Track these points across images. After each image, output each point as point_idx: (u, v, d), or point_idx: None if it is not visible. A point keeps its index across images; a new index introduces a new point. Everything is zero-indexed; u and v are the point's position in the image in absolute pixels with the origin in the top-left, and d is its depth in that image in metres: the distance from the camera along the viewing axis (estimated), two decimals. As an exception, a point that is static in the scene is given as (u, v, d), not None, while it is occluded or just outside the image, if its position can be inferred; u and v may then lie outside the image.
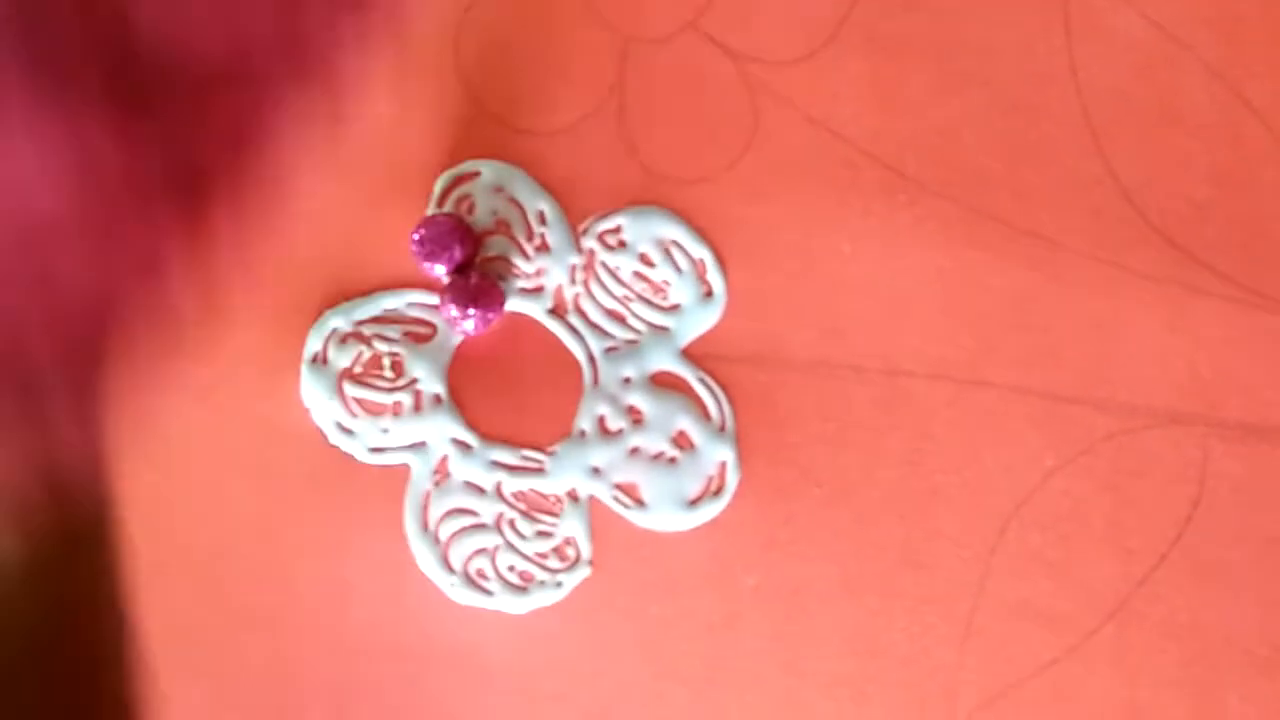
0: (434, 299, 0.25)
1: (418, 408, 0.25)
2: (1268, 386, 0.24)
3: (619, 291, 0.25)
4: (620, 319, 0.25)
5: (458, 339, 0.25)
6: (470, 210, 0.25)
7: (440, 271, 0.25)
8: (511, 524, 0.25)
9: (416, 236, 0.25)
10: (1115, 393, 0.24)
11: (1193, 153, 0.24)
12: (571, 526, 0.25)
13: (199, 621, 0.24)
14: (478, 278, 0.25)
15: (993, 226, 0.25)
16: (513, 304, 0.25)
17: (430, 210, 0.25)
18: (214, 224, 0.16)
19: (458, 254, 0.25)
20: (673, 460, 0.25)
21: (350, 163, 0.25)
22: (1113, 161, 0.24)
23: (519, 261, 0.25)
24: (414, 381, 0.25)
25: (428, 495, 0.25)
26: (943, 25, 0.25)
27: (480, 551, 0.25)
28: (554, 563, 0.24)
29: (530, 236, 0.25)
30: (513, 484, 0.25)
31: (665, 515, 0.24)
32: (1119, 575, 0.23)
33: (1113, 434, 0.24)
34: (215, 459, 0.25)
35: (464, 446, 0.25)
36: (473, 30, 0.26)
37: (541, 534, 0.25)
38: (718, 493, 0.24)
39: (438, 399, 0.25)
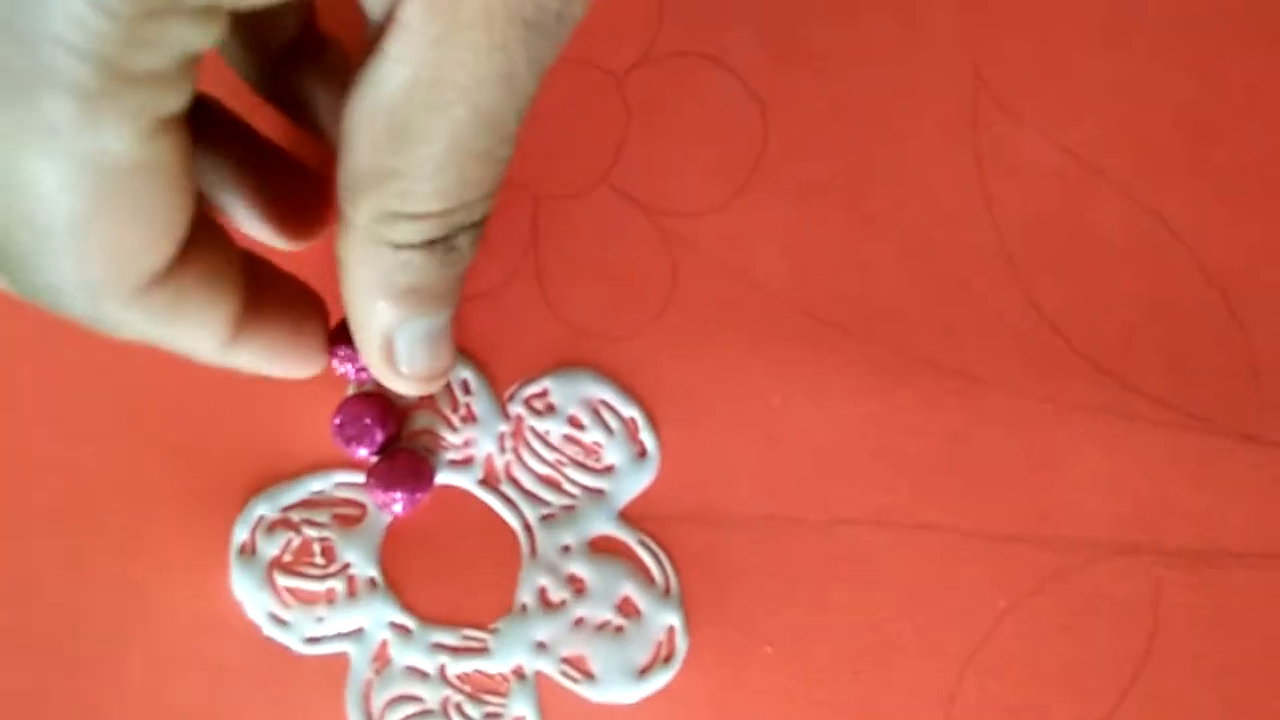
0: (360, 478, 0.25)
1: (352, 593, 0.24)
2: (1212, 509, 0.23)
3: (550, 456, 0.25)
4: (555, 485, 0.25)
5: (388, 518, 0.25)
6: (393, 385, 0.25)
7: (363, 453, 0.24)
8: (458, 708, 0.24)
9: (337, 421, 0.24)
10: (1058, 528, 0.23)
11: (1115, 278, 0.24)
12: (520, 706, 0.24)
13: (137, 841, 0.23)
14: (404, 456, 0.24)
15: (921, 368, 0.24)
16: (443, 477, 0.25)
17: (350, 390, 0.25)
18: None
19: (379, 435, 0.24)
20: (619, 629, 0.24)
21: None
22: (1034, 292, 0.24)
23: (445, 434, 0.25)
24: (346, 566, 0.24)
25: (369, 684, 0.24)
26: (852, 168, 0.25)
27: (427, 739, 0.24)
28: (504, 745, 0.24)
29: (455, 407, 0.25)
30: (456, 666, 0.24)
31: (616, 687, 0.24)
32: (1080, 717, 0.23)
33: (1060, 571, 0.23)
34: (150, 657, 0.24)
35: (403, 630, 0.24)
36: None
37: (490, 716, 0.24)
38: (668, 660, 0.24)
39: (372, 583, 0.24)
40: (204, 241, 0.17)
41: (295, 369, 0.20)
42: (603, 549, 0.24)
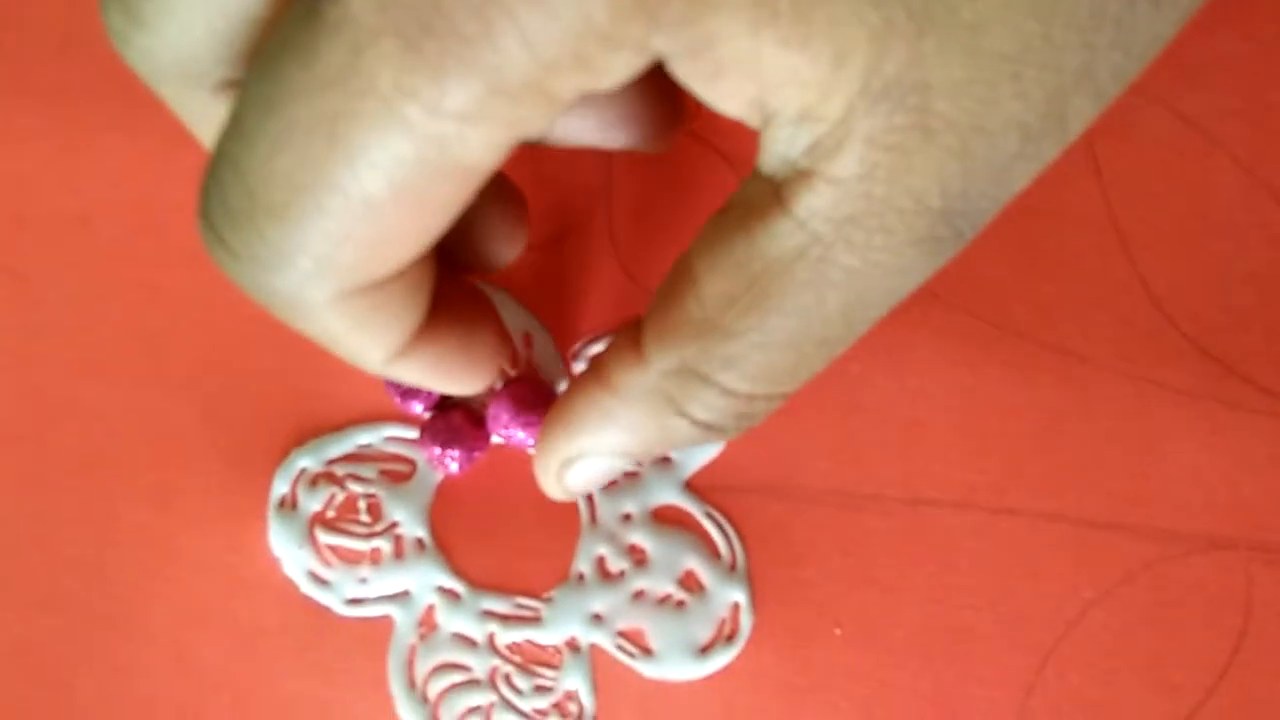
0: (413, 433, 0.23)
1: (399, 554, 0.23)
2: (1313, 504, 0.22)
3: (614, 419, 0.23)
4: (617, 449, 0.23)
5: (439, 477, 0.23)
6: (449, 337, 0.23)
7: (418, 409, 0.23)
8: (507, 679, 0.23)
9: (391, 372, 0.23)
10: (1152, 517, 0.22)
11: (1226, 256, 0.23)
12: (573, 680, 0.23)
13: (165, 805, 0.22)
14: (460, 413, 0.23)
15: (1013, 341, 0.23)
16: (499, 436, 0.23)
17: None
18: None
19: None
20: (681, 604, 0.23)
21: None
22: (1141, 267, 0.23)
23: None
24: (394, 525, 0.23)
25: (413, 650, 0.23)
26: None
27: (473, 710, 0.22)
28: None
29: (516, 363, 0.23)
30: (506, 635, 0.23)
31: (675, 664, 0.22)
32: (1163, 713, 0.22)
33: (1151, 562, 0.22)
34: (179, 615, 0.23)
35: (451, 595, 0.23)
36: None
37: (540, 689, 0.23)
38: (730, 638, 0.22)
39: (420, 544, 0.23)
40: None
41: (459, 386, 0.18)
42: (666, 519, 0.23)
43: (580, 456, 0.18)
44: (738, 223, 0.15)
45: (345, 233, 0.13)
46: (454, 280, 0.18)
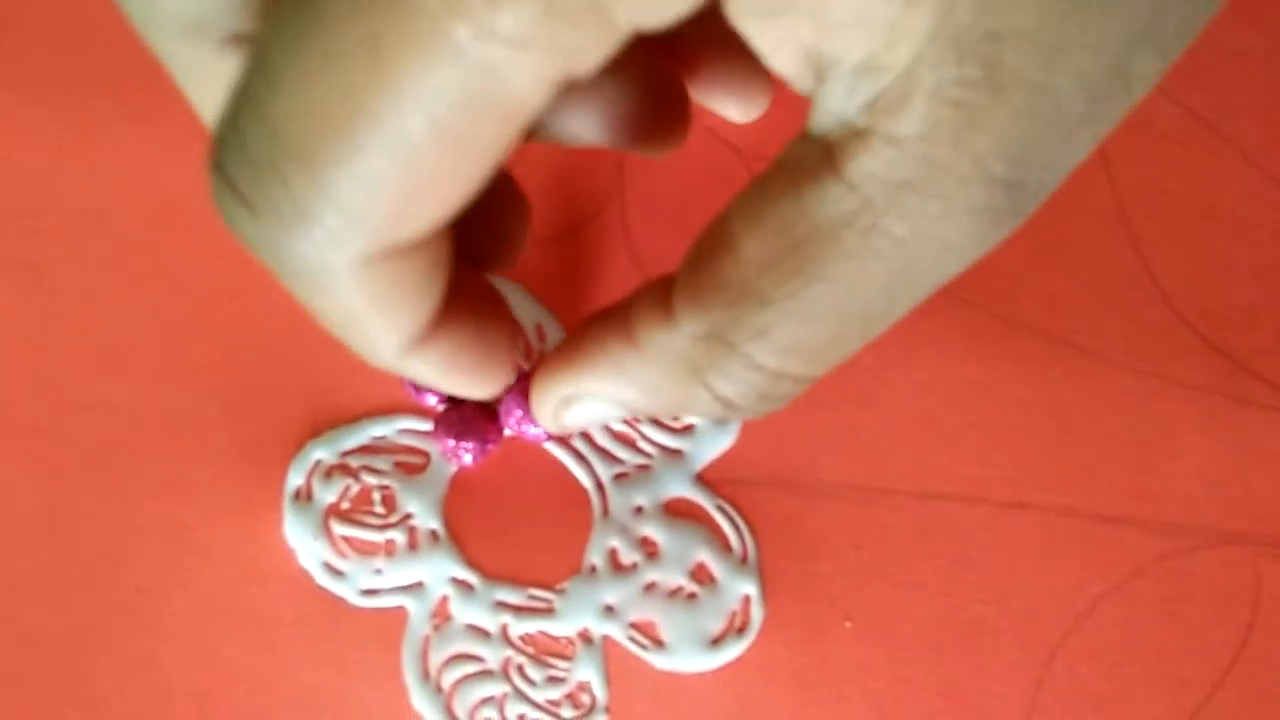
0: (427, 425, 0.23)
1: (413, 545, 0.23)
2: (1321, 499, 0.22)
3: (627, 412, 0.24)
4: (629, 443, 0.24)
5: (453, 469, 0.23)
6: (463, 330, 0.24)
7: (432, 401, 0.23)
8: (520, 669, 0.23)
9: (406, 365, 0.23)
10: (1161, 512, 0.22)
11: (1236, 251, 0.23)
12: (585, 671, 0.23)
13: (181, 793, 0.22)
14: (473, 405, 0.23)
15: (1024, 335, 0.23)
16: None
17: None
18: None
19: (451, 382, 0.23)
20: (692, 596, 0.23)
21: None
22: (1151, 263, 0.23)
23: (517, 383, 0.24)
24: (408, 517, 0.23)
25: (427, 640, 0.23)
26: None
27: (486, 700, 0.23)
28: (567, 710, 0.23)
29: (529, 355, 0.24)
30: (519, 626, 0.23)
31: (686, 656, 0.23)
32: (1171, 707, 0.22)
33: (1160, 556, 0.22)
34: (195, 605, 0.23)
35: (465, 586, 0.23)
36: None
37: (553, 679, 0.23)
38: (741, 630, 0.23)
39: (434, 535, 0.23)
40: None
41: (474, 387, 0.17)
42: (678, 512, 0.23)
43: (583, 399, 0.17)
44: (784, 184, 0.14)
45: (380, 178, 0.12)
46: (469, 272, 0.17)
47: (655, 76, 0.18)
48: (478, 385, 0.17)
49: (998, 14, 0.12)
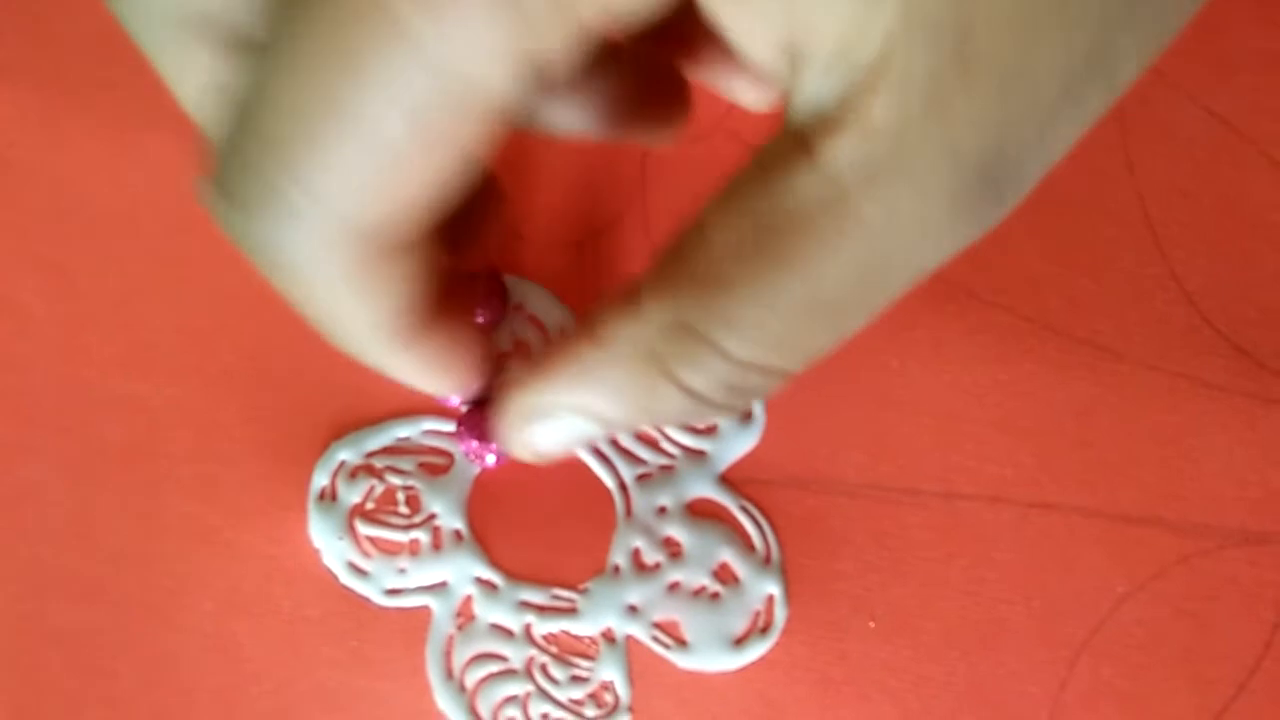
0: (450, 426, 0.24)
1: (437, 545, 0.23)
2: (1346, 499, 0.22)
3: (650, 413, 0.24)
4: (653, 443, 0.24)
5: (477, 469, 0.24)
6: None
7: (455, 402, 0.23)
8: (543, 669, 0.23)
9: (431, 366, 0.23)
10: (1187, 512, 0.22)
11: (1259, 252, 0.23)
12: (608, 670, 0.23)
13: (208, 792, 0.22)
14: (498, 406, 0.23)
15: (1049, 336, 0.23)
16: (535, 429, 0.24)
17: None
18: None
19: (475, 383, 0.23)
20: (715, 596, 0.23)
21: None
22: (1175, 264, 0.23)
23: (541, 384, 0.24)
24: (432, 517, 0.23)
25: (451, 639, 0.23)
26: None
27: (510, 699, 0.23)
28: (591, 710, 0.23)
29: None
30: (543, 626, 0.23)
31: (709, 655, 0.23)
32: (1196, 707, 0.22)
33: (1186, 556, 0.22)
34: (220, 605, 0.23)
35: (489, 586, 0.23)
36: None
37: (576, 679, 0.23)
38: (765, 630, 0.23)
39: (458, 535, 0.23)
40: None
41: (443, 386, 0.17)
42: (701, 512, 0.23)
43: (549, 413, 0.16)
44: (756, 173, 0.13)
45: (350, 166, 0.12)
46: (453, 275, 0.17)
47: (648, 64, 0.18)
48: (445, 387, 0.17)
49: None
